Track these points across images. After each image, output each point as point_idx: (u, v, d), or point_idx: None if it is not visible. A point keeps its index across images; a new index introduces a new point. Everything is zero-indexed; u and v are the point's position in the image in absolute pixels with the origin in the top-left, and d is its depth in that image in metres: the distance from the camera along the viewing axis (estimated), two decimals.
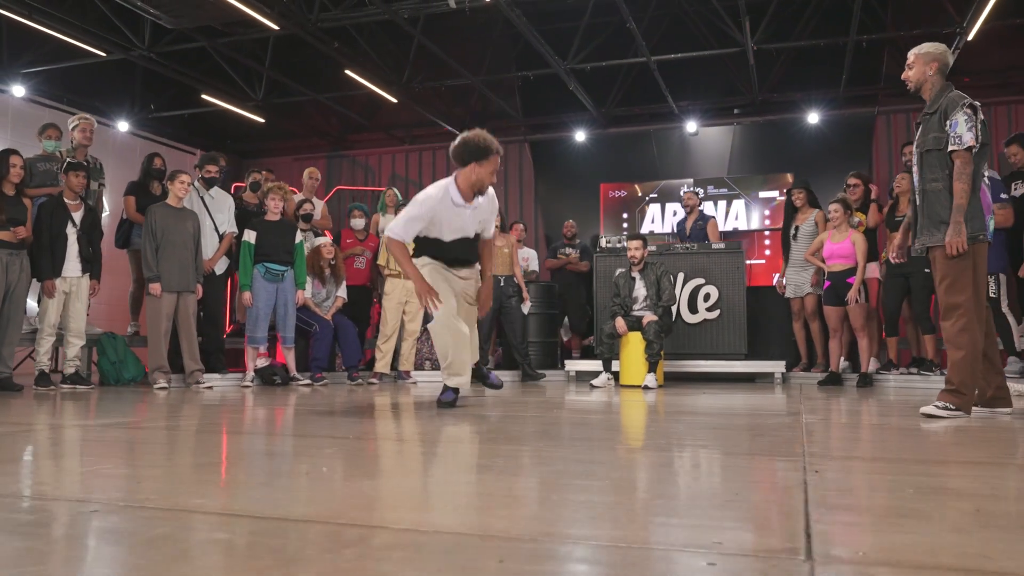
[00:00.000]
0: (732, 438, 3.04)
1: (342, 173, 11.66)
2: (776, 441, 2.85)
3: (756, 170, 10.02)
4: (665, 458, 2.56)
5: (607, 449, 2.76)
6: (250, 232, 6.86)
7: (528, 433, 3.17)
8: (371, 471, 2.28)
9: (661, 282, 6.95)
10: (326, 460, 2.44)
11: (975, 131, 3.71)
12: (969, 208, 3.74)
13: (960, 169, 3.74)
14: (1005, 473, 2.26)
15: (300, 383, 6.89)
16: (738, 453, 2.63)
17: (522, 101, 10.64)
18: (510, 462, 2.41)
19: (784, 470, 2.24)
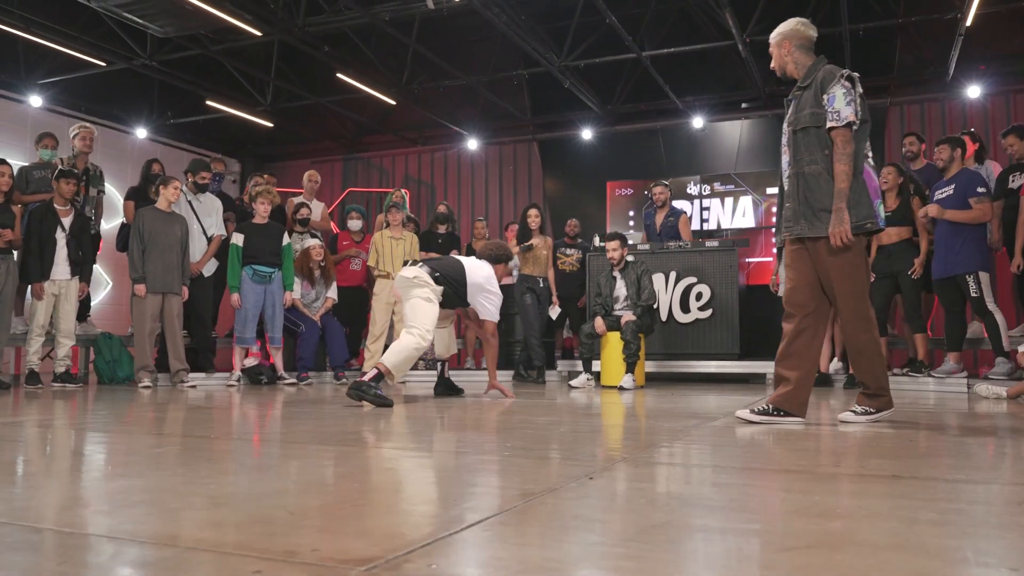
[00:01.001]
0: (561, 442, 3.01)
1: (357, 175, 11.83)
2: (604, 445, 2.82)
3: (764, 165, 9.80)
4: (422, 462, 2.55)
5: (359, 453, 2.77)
6: (238, 235, 7.03)
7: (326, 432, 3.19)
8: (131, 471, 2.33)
9: (641, 281, 6.87)
10: (128, 458, 2.50)
11: (854, 105, 3.33)
12: (852, 193, 3.35)
13: (840, 149, 3.33)
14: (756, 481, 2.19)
15: (285, 382, 7.03)
16: (512, 456, 2.60)
17: (531, 100, 10.63)
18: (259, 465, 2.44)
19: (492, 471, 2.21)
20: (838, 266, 3.41)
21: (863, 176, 3.39)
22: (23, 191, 6.83)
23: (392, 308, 7.67)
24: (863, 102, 3.39)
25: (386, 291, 7.62)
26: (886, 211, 6.60)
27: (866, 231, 3.40)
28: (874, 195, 3.41)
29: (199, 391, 6.26)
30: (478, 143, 10.94)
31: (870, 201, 3.38)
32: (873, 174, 3.44)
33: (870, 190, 3.40)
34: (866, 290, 3.44)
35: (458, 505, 1.77)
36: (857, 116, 3.33)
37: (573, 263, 8.97)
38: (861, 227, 3.35)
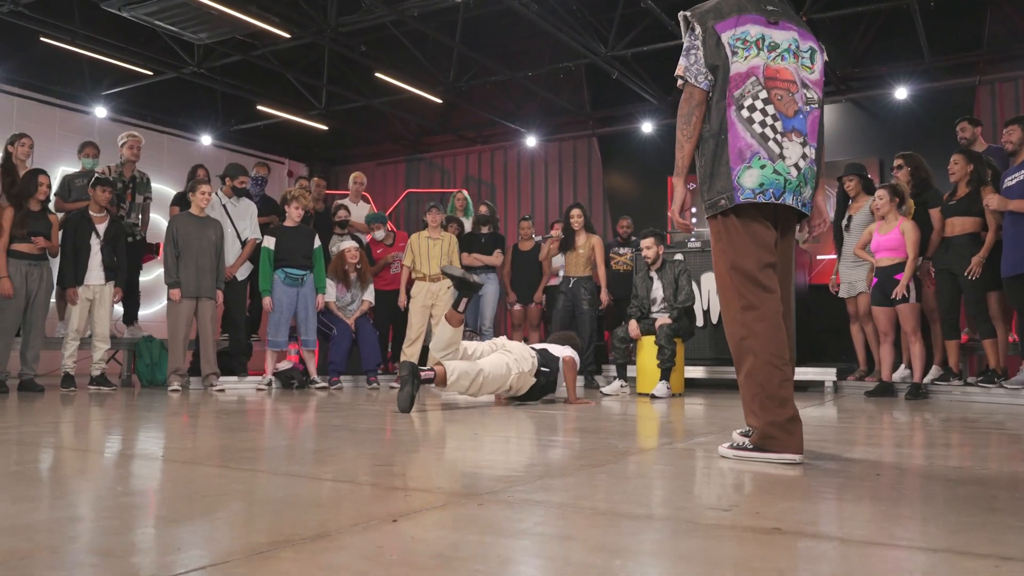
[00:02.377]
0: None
1: (420, 176, 11.77)
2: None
3: (839, 155, 9.08)
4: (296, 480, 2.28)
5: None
6: (269, 238, 7.02)
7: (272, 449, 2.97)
8: None
9: (679, 281, 6.43)
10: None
11: (691, 55, 2.63)
12: (703, 162, 2.66)
13: (678, 110, 2.69)
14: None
15: (317, 386, 6.97)
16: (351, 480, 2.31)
17: (590, 94, 10.27)
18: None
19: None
20: (714, 259, 2.77)
21: (722, 136, 2.60)
22: (65, 199, 7.03)
23: (429, 311, 7.50)
24: (714, 43, 2.60)
25: (423, 293, 7.46)
26: (952, 201, 5.96)
27: (718, 210, 2.61)
28: (736, 159, 2.58)
29: (228, 395, 6.27)
30: (537, 140, 10.67)
31: (728, 170, 2.58)
32: (743, 130, 2.57)
33: (731, 153, 2.58)
34: (726, 288, 2.69)
35: None
36: (695, 65, 2.62)
37: (626, 262, 8.59)
38: (714, 205, 2.61)
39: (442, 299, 7.50)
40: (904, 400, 5.92)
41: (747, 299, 2.62)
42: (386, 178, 11.99)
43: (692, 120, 2.64)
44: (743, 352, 2.63)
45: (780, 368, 2.59)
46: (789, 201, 2.60)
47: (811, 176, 2.67)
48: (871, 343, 6.76)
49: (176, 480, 2.32)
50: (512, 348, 5.36)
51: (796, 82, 2.63)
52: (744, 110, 2.57)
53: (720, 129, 2.60)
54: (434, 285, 7.48)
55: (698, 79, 2.62)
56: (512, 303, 8.38)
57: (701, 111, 2.64)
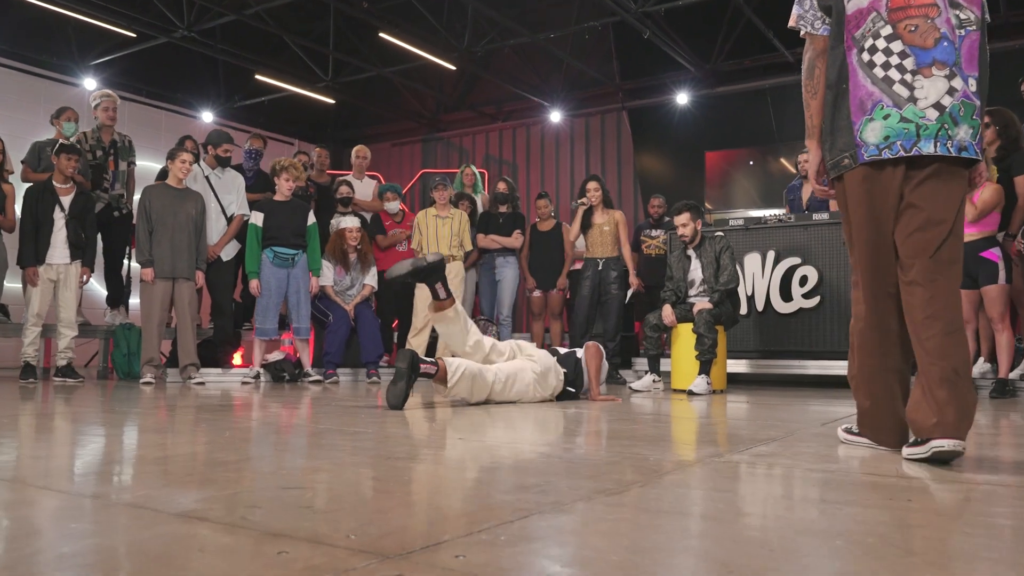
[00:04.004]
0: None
1: (436, 157, 10.98)
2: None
3: None
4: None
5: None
6: (257, 214, 6.27)
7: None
8: None
9: (721, 259, 5.56)
10: None
11: (803, 2, 2.40)
12: (825, 120, 2.36)
13: (802, 65, 2.46)
14: None
15: (311, 379, 6.21)
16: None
17: (619, 63, 9.38)
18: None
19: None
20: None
21: (842, 87, 2.30)
22: (35, 168, 6.34)
23: None
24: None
25: None
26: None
27: (841, 170, 2.31)
28: (857, 111, 2.26)
29: (209, 389, 5.52)
30: (561, 115, 9.81)
31: (849, 124, 2.27)
32: (863, 77, 2.25)
33: (851, 105, 2.27)
34: (856, 260, 2.36)
35: None
36: (808, 13, 2.39)
37: (659, 246, 7.71)
38: (837, 165, 2.32)
39: (451, 283, 6.67)
40: (989, 398, 5.02)
41: (856, 275, 2.38)
42: (402, 159, 11.23)
43: (815, 73, 2.40)
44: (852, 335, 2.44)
45: (871, 359, 2.36)
46: (928, 149, 2.16)
47: (966, 113, 2.18)
48: None
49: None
50: (537, 358, 4.42)
51: (938, 4, 2.22)
52: (865, 53, 2.25)
53: (839, 78, 2.31)
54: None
55: (815, 25, 2.38)
56: (531, 289, 7.55)
57: (824, 61, 2.38)
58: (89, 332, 6.77)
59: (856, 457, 2.27)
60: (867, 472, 2.02)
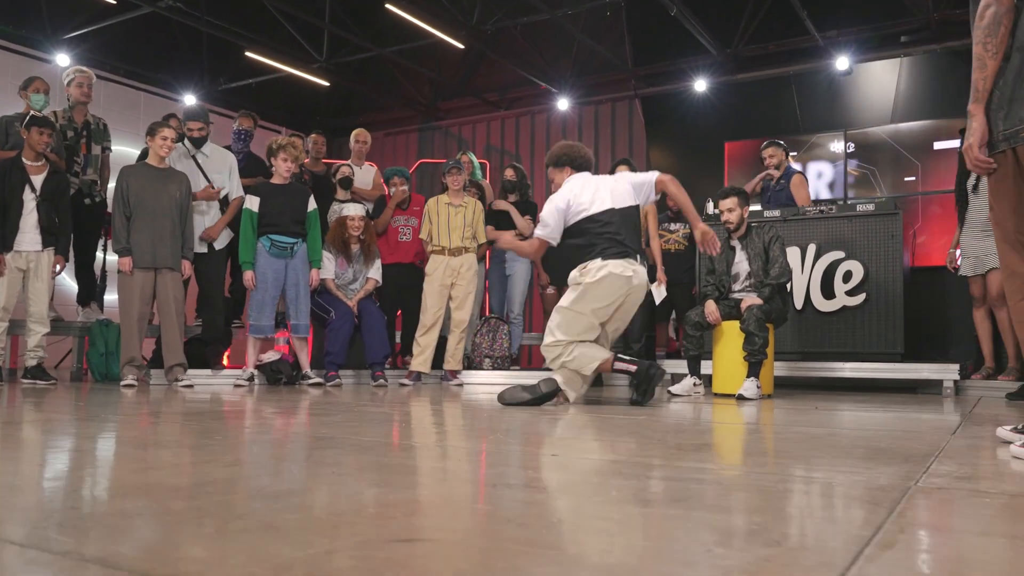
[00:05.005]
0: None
1: (434, 146, 10.39)
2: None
3: (932, 115, 7.68)
4: None
5: None
6: (252, 198, 5.67)
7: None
8: None
9: (771, 251, 5.03)
10: None
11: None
12: (1002, 84, 2.16)
13: (976, 18, 2.20)
14: None
15: (310, 382, 5.61)
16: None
17: (632, 47, 8.86)
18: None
19: None
20: (994, 203, 2.31)
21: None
22: (2, 145, 5.69)
23: (448, 292, 6.13)
24: None
25: (440, 270, 6.11)
26: None
27: (1020, 142, 2.12)
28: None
29: (198, 392, 4.92)
30: (570, 103, 9.27)
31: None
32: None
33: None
34: (1014, 237, 2.22)
35: None
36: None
37: (680, 240, 7.18)
38: (1014, 137, 2.13)
39: (464, 277, 6.15)
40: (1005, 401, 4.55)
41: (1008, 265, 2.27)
42: (396, 149, 10.63)
43: (999, 32, 2.17)
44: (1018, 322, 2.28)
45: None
46: None
47: None
48: (1004, 333, 5.37)
49: None
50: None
51: None
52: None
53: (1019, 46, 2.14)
54: (455, 260, 6.13)
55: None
56: (545, 286, 6.99)
57: (1010, 19, 2.17)
58: (62, 329, 6.14)
59: None
60: None
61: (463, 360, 6.42)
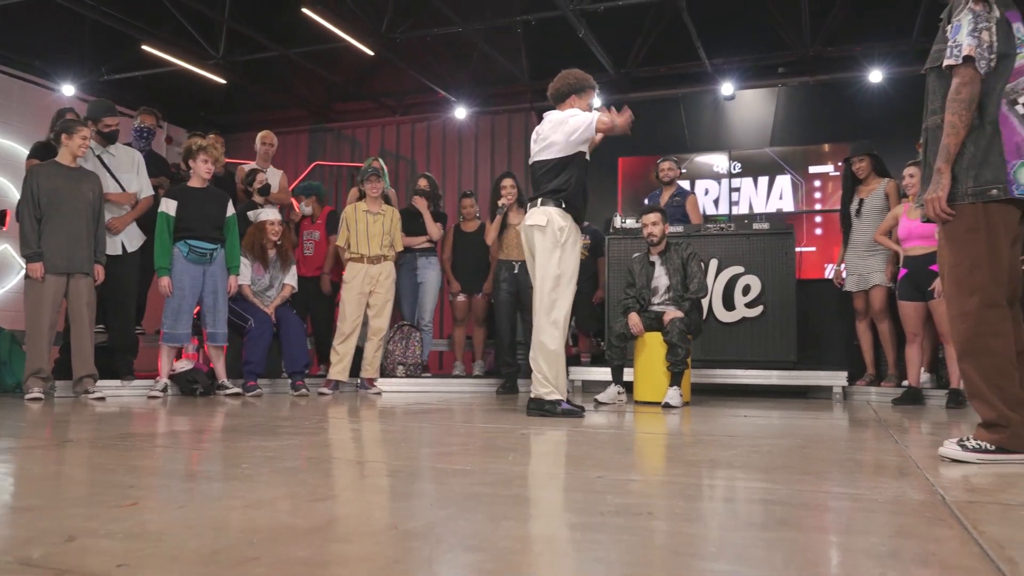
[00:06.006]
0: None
1: (326, 148, 10.23)
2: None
3: (805, 140, 8.39)
4: None
5: None
6: (168, 202, 5.45)
7: None
8: None
9: (688, 267, 5.39)
10: None
11: (983, 35, 2.52)
12: (975, 150, 2.56)
13: (952, 93, 2.56)
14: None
15: (227, 392, 5.46)
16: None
17: (529, 62, 9.10)
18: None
19: None
20: (943, 245, 2.70)
21: (997, 127, 2.56)
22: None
23: (366, 299, 6.13)
24: (1004, 30, 2.56)
25: (359, 278, 6.09)
26: None
27: (989, 199, 2.54)
28: (1013, 153, 2.55)
29: (109, 404, 4.69)
30: (467, 112, 9.40)
31: (1002, 160, 2.55)
32: (1019, 125, 2.56)
33: (1006, 145, 2.56)
34: (975, 283, 2.56)
35: None
36: (989, 50, 2.53)
37: (581, 251, 7.49)
38: (982, 193, 2.55)
39: (383, 285, 6.17)
40: (946, 408, 5.16)
41: (992, 297, 2.56)
42: (285, 149, 10.32)
43: (972, 107, 2.54)
44: (979, 350, 2.56)
45: (1013, 368, 2.55)
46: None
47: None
48: (886, 344, 6.00)
49: None
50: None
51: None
52: (1019, 106, 2.57)
53: (995, 119, 2.56)
54: (373, 268, 6.14)
55: (980, 64, 2.53)
56: (455, 293, 7.10)
57: (977, 99, 2.55)
58: None
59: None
60: None
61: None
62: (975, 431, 2.61)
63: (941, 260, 2.74)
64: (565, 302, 4.24)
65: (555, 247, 4.21)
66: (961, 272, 2.60)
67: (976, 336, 2.57)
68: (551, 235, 4.21)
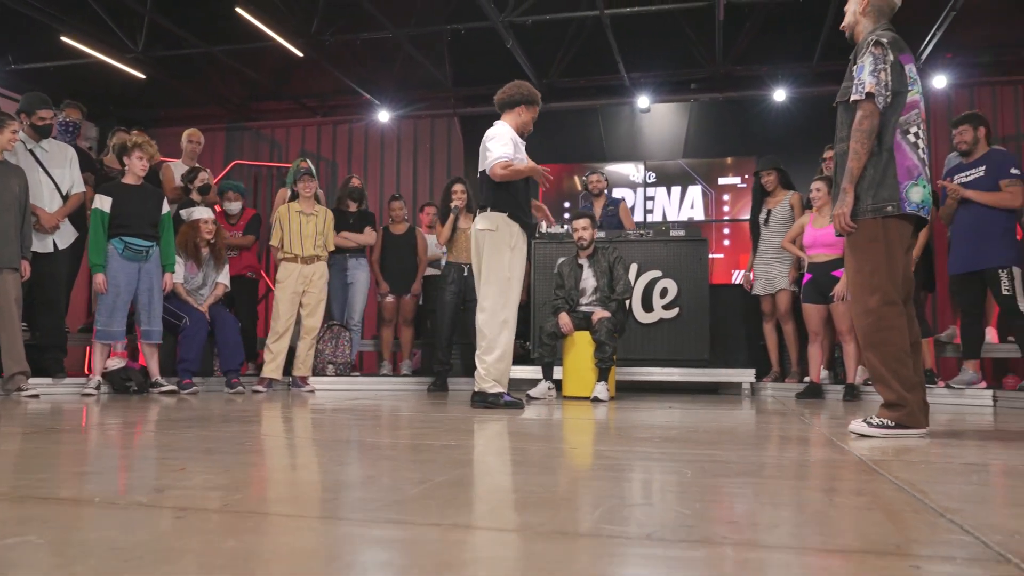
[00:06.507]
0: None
1: (243, 147, 10.14)
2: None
3: (715, 153, 8.94)
4: None
5: None
6: (103, 198, 5.41)
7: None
8: None
9: (615, 270, 5.74)
10: None
11: (881, 75, 2.98)
12: (874, 172, 3.01)
13: (856, 124, 3.02)
14: None
15: (162, 390, 5.46)
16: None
17: (453, 69, 9.32)
18: None
19: None
20: (848, 253, 3.16)
21: (892, 153, 3.02)
22: None
23: (299, 299, 6.21)
24: (898, 70, 3.03)
25: (293, 277, 6.18)
26: None
27: (885, 215, 3.00)
28: (904, 175, 3.01)
29: (42, 402, 4.63)
30: (391, 116, 9.53)
31: (895, 182, 3.00)
32: (910, 152, 3.03)
33: (899, 170, 3.01)
34: (876, 284, 3.00)
35: None
36: (884, 88, 2.98)
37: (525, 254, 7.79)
38: (879, 210, 3.01)
39: (316, 285, 6.27)
40: (843, 401, 5.68)
41: (890, 296, 3.00)
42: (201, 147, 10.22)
43: (873, 136, 3.00)
44: (880, 342, 3.00)
45: (907, 356, 3.00)
46: (928, 216, 3.09)
47: None
48: (790, 343, 6.51)
49: None
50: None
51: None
52: (910, 135, 3.03)
53: (891, 146, 3.01)
54: (307, 268, 6.24)
55: (879, 100, 2.98)
56: (384, 294, 7.25)
57: (877, 129, 3.00)
58: None
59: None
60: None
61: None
62: (878, 411, 3.06)
63: (847, 266, 3.23)
64: (513, 302, 4.48)
65: (505, 250, 4.44)
66: (863, 276, 3.05)
67: (877, 330, 3.01)
68: (500, 239, 4.45)
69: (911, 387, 2.99)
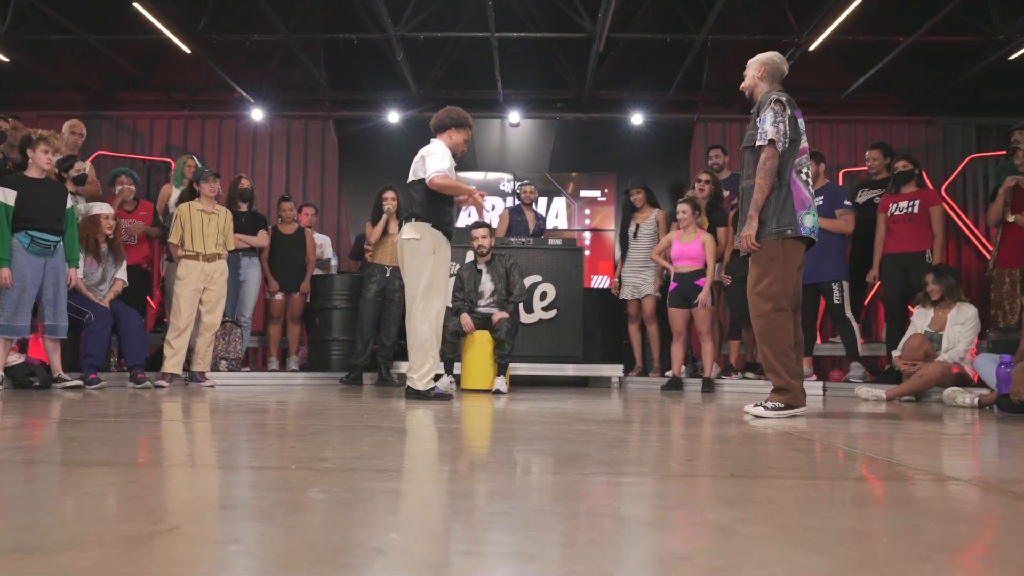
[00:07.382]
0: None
1: (103, 138, 9.75)
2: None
3: (578, 168, 9.75)
4: None
5: None
6: (7, 191, 5.30)
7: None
8: None
9: (511, 275, 6.31)
10: None
11: (780, 126, 3.75)
12: (776, 203, 3.79)
13: (760, 164, 3.79)
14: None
15: (66, 385, 5.42)
16: None
17: (328, 71, 9.53)
18: None
19: None
20: (751, 267, 3.93)
21: (790, 188, 3.80)
22: None
23: (200, 296, 6.31)
24: (793, 122, 3.82)
25: (194, 275, 6.28)
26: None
27: (785, 237, 3.79)
28: (799, 206, 3.80)
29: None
30: (264, 113, 9.58)
31: (793, 211, 3.78)
32: (803, 187, 3.83)
33: (795, 201, 3.79)
34: (771, 294, 3.79)
35: None
36: (783, 136, 3.76)
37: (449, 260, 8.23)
38: (781, 233, 3.79)
39: (217, 282, 6.40)
40: (701, 393, 6.56)
41: (781, 304, 3.81)
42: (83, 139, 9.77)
43: (774, 174, 3.78)
44: (772, 340, 3.81)
45: (792, 352, 3.85)
46: (816, 238, 3.95)
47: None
48: (653, 342, 7.35)
49: None
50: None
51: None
52: (802, 174, 3.85)
53: (788, 182, 3.80)
54: (208, 266, 6.37)
55: (779, 145, 3.76)
56: (274, 292, 7.43)
57: (777, 168, 3.79)
58: None
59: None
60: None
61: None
62: (769, 396, 3.86)
63: (749, 276, 4.00)
64: (437, 304, 4.93)
65: (428, 257, 4.89)
66: (762, 287, 3.86)
67: (770, 330, 3.83)
68: (424, 246, 4.89)
69: (794, 375, 3.83)
